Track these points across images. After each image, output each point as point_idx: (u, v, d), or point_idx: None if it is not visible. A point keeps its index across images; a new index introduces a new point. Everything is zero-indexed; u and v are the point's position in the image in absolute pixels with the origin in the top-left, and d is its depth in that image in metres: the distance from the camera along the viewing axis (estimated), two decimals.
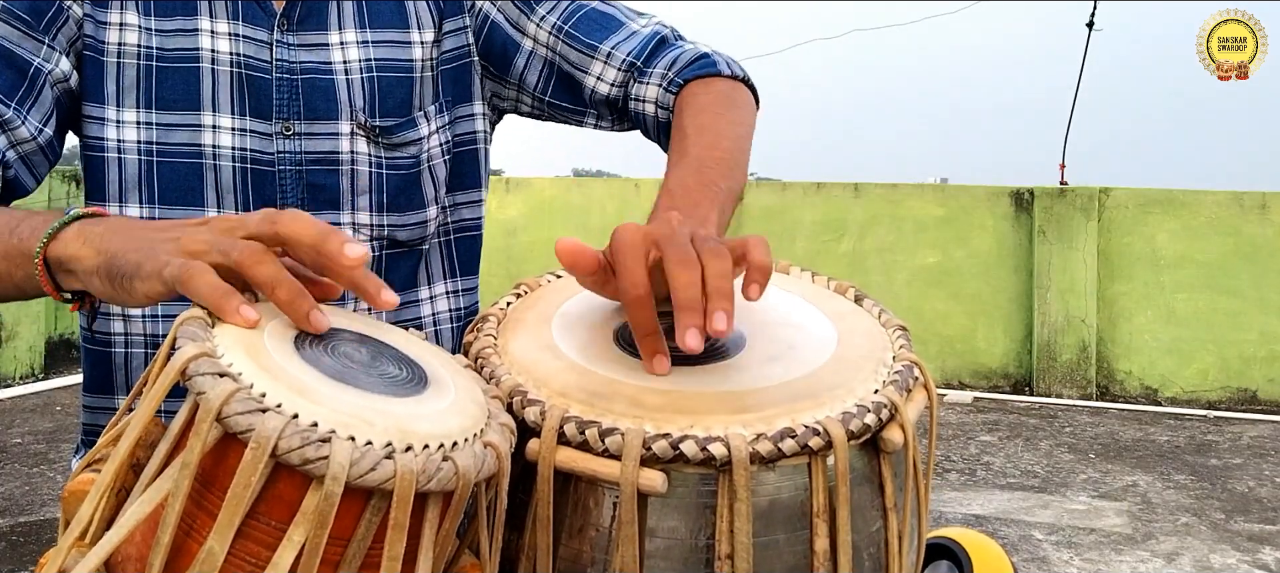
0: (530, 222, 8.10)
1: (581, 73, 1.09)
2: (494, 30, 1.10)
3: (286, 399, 0.55)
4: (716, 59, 1.07)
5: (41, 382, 6.79)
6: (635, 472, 0.61)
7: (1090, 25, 7.46)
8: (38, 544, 3.71)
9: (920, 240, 7.30)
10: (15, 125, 0.95)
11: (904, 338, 0.74)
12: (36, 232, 0.75)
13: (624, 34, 1.09)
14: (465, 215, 1.13)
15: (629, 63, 1.08)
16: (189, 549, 0.55)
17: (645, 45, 1.08)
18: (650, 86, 1.07)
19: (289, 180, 1.02)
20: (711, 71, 1.05)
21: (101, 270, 0.70)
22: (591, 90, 1.09)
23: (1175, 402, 6.74)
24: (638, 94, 1.08)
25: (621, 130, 1.15)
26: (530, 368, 0.69)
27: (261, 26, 1.02)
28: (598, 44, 1.09)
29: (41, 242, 0.74)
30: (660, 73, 1.06)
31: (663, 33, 1.10)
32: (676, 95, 1.05)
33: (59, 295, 0.76)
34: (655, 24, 1.11)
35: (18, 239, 0.77)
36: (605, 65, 1.08)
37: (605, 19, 1.10)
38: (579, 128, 1.15)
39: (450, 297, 1.12)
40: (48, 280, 0.75)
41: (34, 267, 0.74)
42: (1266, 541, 3.94)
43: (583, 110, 1.12)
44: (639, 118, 1.09)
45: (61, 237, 0.74)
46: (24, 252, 0.76)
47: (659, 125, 1.07)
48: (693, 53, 1.07)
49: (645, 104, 1.07)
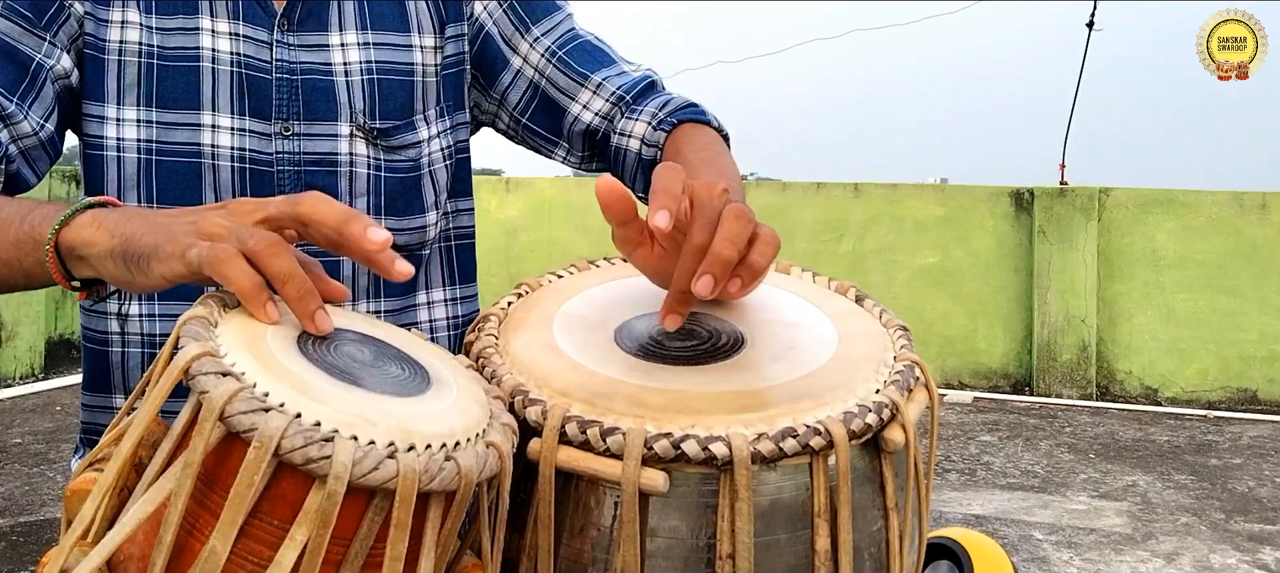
0: (530, 222, 8.09)
1: (567, 99, 1.11)
2: (487, 42, 1.11)
3: (289, 399, 0.55)
4: (705, 110, 1.10)
5: (41, 382, 6.79)
6: (637, 471, 0.61)
7: (1090, 25, 7.45)
8: (38, 544, 3.71)
9: (920, 240, 7.30)
10: (17, 120, 0.95)
11: (905, 338, 0.74)
12: (48, 219, 0.76)
13: (615, 70, 1.12)
14: (462, 222, 1.14)
15: (619, 96, 1.10)
16: (191, 549, 0.55)
17: (635, 84, 1.11)
18: (639, 123, 1.08)
19: (287, 181, 1.02)
20: (702, 119, 1.08)
21: (117, 253, 0.70)
22: (574, 118, 1.11)
23: (1175, 402, 6.74)
24: (624, 129, 1.09)
25: (587, 170, 1.16)
26: (531, 368, 0.69)
27: (262, 26, 1.02)
28: (589, 73, 1.11)
29: (54, 227, 0.74)
30: (650, 112, 1.08)
31: (653, 78, 1.13)
32: (668, 135, 1.06)
33: (68, 283, 0.76)
34: (647, 70, 1.14)
35: (29, 226, 0.78)
36: (594, 95, 1.10)
37: (599, 53, 1.13)
38: (547, 158, 1.17)
39: (447, 304, 1.12)
40: (58, 267, 0.75)
41: (44, 253, 0.75)
42: (1266, 541, 3.94)
43: (556, 140, 1.14)
44: (618, 154, 1.10)
45: (75, 223, 0.74)
46: (35, 238, 0.76)
47: (639, 162, 1.08)
48: (682, 100, 1.10)
49: (630, 139, 1.09)
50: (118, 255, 0.70)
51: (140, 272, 0.68)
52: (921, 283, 7.26)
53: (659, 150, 1.06)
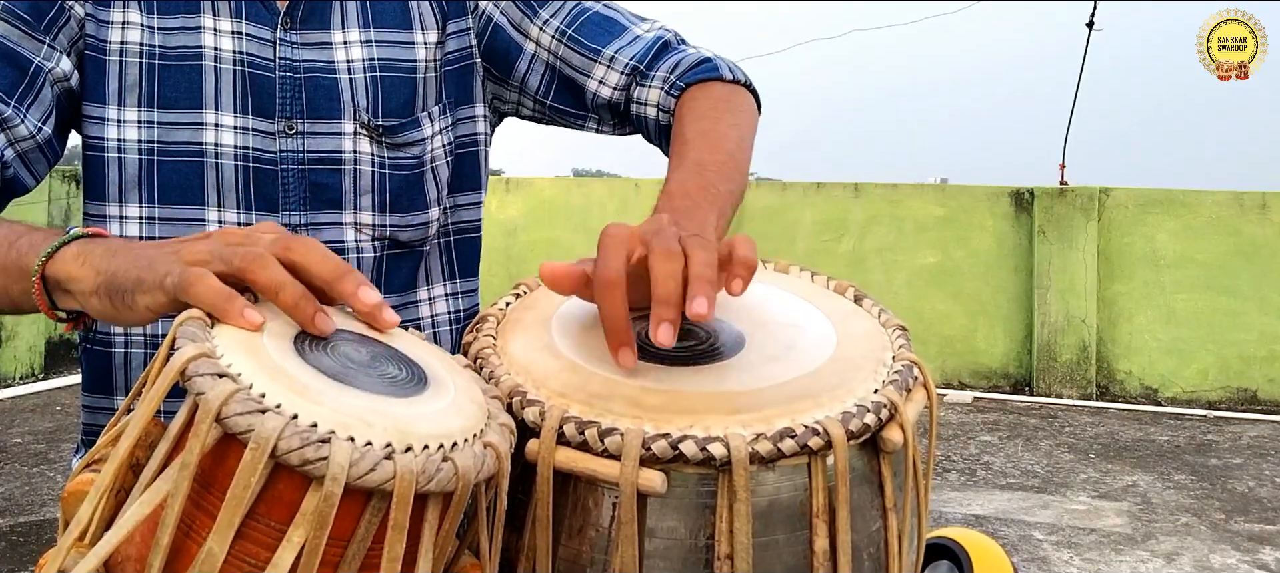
0: (530, 222, 8.09)
1: (583, 77, 1.09)
2: (496, 33, 1.10)
3: (286, 400, 0.55)
4: (718, 63, 1.07)
5: (41, 382, 6.79)
6: (635, 472, 0.61)
7: (1090, 25, 7.45)
8: (38, 544, 3.71)
9: (920, 240, 7.30)
10: (14, 123, 0.95)
11: (904, 338, 0.74)
12: (36, 248, 0.75)
13: (627, 39, 1.10)
14: (465, 217, 1.13)
15: (632, 67, 1.08)
16: (188, 550, 0.55)
17: (648, 50, 1.09)
18: (652, 90, 1.07)
19: (291, 179, 1.02)
20: (713, 76, 1.06)
21: (101, 290, 0.69)
22: (593, 94, 1.10)
23: (1175, 402, 6.74)
24: (640, 98, 1.08)
25: (622, 134, 1.15)
26: (529, 368, 0.69)
27: (265, 25, 1.02)
28: (601, 48, 1.09)
29: (40, 260, 0.74)
30: (662, 77, 1.07)
31: (665, 37, 1.10)
32: (677, 99, 1.05)
33: (54, 314, 0.75)
34: (658, 28, 1.11)
35: (17, 253, 0.77)
36: (608, 70, 1.08)
37: (608, 23, 1.11)
38: (581, 131, 1.15)
39: (449, 298, 1.12)
40: (44, 298, 0.74)
41: (30, 284, 0.74)
42: (1266, 541, 3.94)
43: (584, 114, 1.13)
44: (640, 121, 1.09)
45: (60, 256, 0.73)
46: (22, 268, 0.76)
47: (660, 128, 1.08)
48: (695, 57, 1.08)
49: (647, 107, 1.07)
50: (102, 292, 0.69)
51: (125, 307, 0.68)
52: (921, 283, 7.26)
53: (673, 116, 1.05)
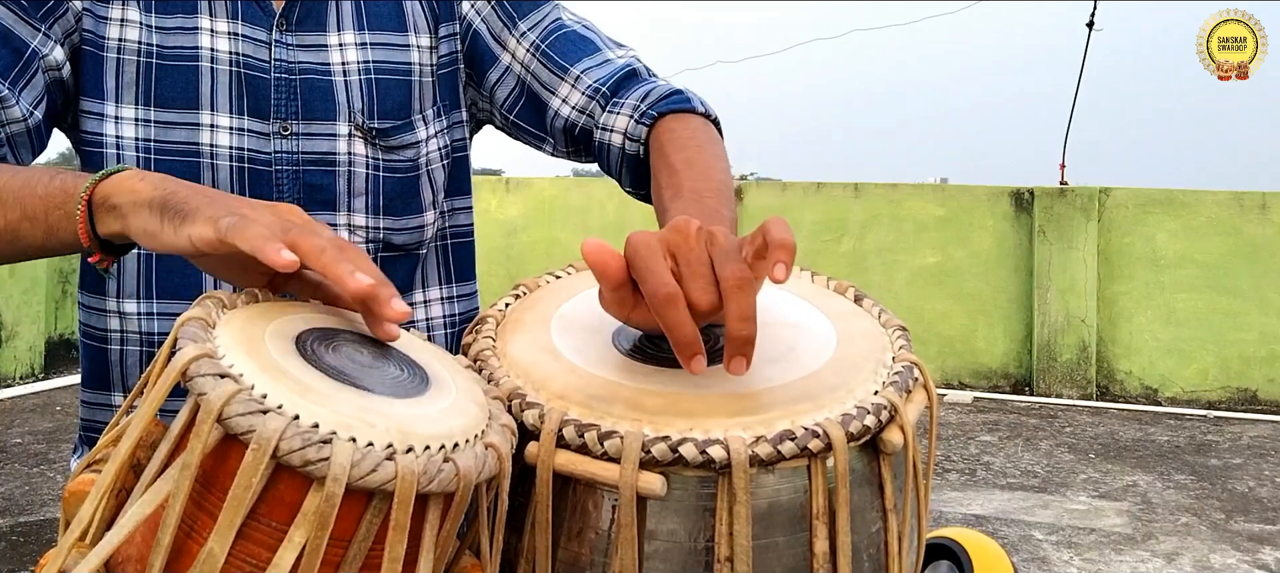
0: (530, 222, 8.09)
1: (548, 93, 1.08)
2: (477, 40, 1.10)
3: (288, 400, 0.55)
4: (690, 95, 1.05)
5: (41, 382, 6.79)
6: (634, 475, 0.61)
7: (1090, 25, 7.46)
8: (38, 544, 3.71)
9: (920, 240, 7.30)
10: (10, 104, 0.94)
11: (904, 338, 0.74)
12: (81, 176, 0.76)
13: (597, 60, 1.08)
14: (460, 221, 1.14)
15: (595, 88, 1.07)
16: (189, 550, 0.55)
17: (615, 75, 1.07)
18: (620, 117, 1.05)
19: (286, 181, 1.02)
20: (686, 107, 1.03)
21: (155, 203, 0.70)
22: (554, 113, 1.08)
23: (1175, 402, 6.74)
24: (605, 124, 1.06)
25: (579, 161, 1.13)
26: (529, 370, 0.69)
27: (261, 26, 1.02)
28: (569, 66, 1.08)
29: (93, 180, 0.74)
30: (632, 105, 1.04)
31: (635, 66, 1.09)
32: (650, 128, 1.02)
33: (90, 239, 0.75)
34: (630, 57, 1.10)
35: (60, 182, 0.78)
36: (572, 88, 1.07)
37: (582, 42, 1.10)
38: (538, 152, 1.15)
39: (445, 302, 1.12)
40: (86, 221, 0.75)
41: (75, 205, 0.75)
42: (1266, 541, 3.94)
43: (543, 135, 1.11)
44: (602, 149, 1.06)
45: (117, 176, 0.74)
46: (67, 191, 0.77)
47: (624, 158, 1.05)
48: (665, 88, 1.05)
49: (612, 134, 1.05)
50: (157, 205, 0.70)
51: (172, 227, 0.68)
52: (921, 283, 7.26)
53: (641, 145, 1.03)
